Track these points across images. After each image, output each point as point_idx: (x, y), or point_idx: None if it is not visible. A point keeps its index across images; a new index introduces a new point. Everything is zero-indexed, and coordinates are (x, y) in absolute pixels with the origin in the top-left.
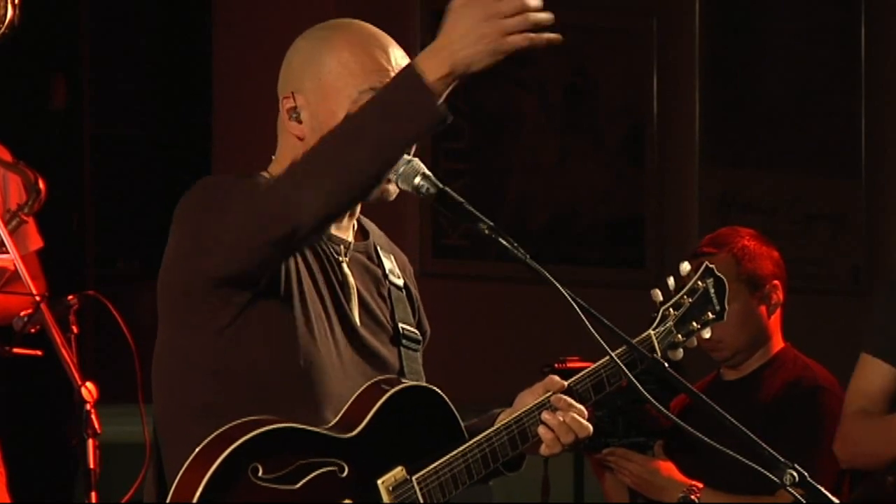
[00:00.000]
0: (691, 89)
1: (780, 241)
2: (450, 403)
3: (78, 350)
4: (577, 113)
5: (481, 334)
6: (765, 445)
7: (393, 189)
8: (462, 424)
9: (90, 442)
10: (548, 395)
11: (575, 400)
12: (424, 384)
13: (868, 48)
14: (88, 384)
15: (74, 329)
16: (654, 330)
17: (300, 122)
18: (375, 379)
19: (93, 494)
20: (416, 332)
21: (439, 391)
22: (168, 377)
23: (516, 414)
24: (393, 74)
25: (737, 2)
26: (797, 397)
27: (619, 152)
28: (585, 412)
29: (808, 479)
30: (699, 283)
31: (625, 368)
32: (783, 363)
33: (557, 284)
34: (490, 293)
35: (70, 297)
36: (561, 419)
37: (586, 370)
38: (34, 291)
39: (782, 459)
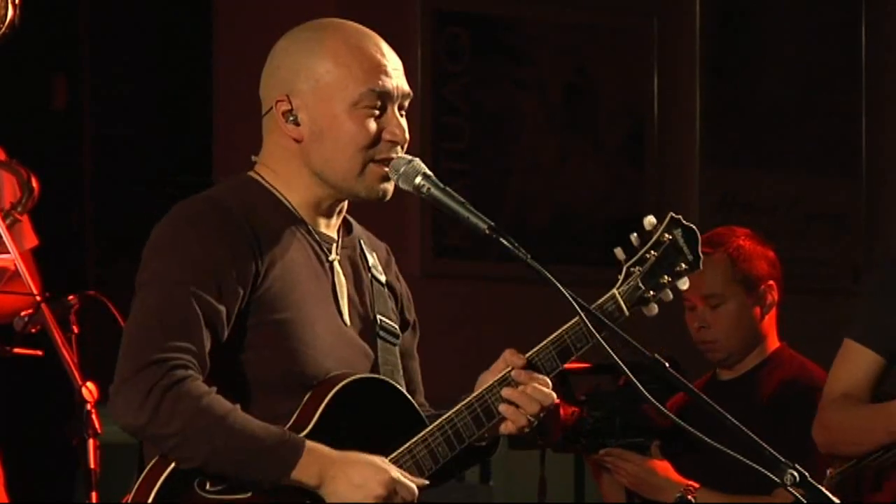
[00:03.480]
0: (691, 89)
1: (780, 241)
2: (404, 391)
3: (78, 350)
4: (577, 113)
5: (481, 334)
6: (765, 445)
7: (390, 187)
8: (421, 411)
9: (90, 442)
10: (508, 370)
11: (540, 371)
12: (373, 375)
13: (868, 48)
14: (89, 384)
15: (75, 329)
16: (618, 289)
17: (297, 124)
18: (329, 375)
19: (93, 494)
20: (395, 325)
21: (390, 380)
22: None
23: (477, 392)
24: (388, 69)
25: (737, 2)
26: (793, 397)
27: (619, 152)
28: (548, 381)
29: (809, 479)
30: (665, 235)
31: (622, 365)
32: (779, 363)
33: (558, 284)
34: (490, 293)
35: (70, 297)
36: (522, 391)
37: (548, 339)
38: (35, 291)
39: (783, 460)
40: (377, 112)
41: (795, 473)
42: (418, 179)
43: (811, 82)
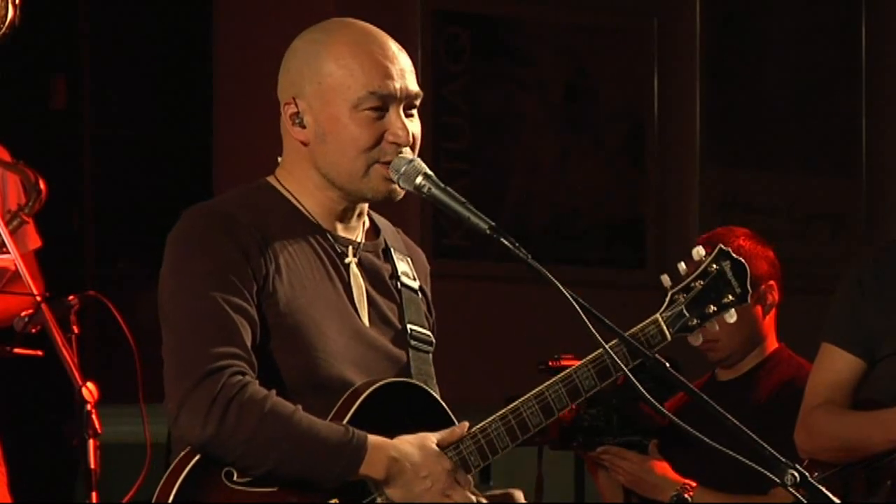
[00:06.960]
0: (691, 89)
1: (780, 241)
2: (437, 397)
3: (78, 350)
4: (577, 113)
5: (481, 334)
6: (766, 445)
7: (400, 189)
8: (452, 416)
9: (91, 442)
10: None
11: (578, 389)
12: (406, 380)
13: (868, 48)
14: (89, 384)
15: (75, 329)
16: (661, 314)
17: (304, 127)
18: (359, 383)
19: (93, 494)
20: (429, 334)
21: (425, 386)
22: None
23: (513, 405)
24: (391, 70)
25: (737, 2)
26: (791, 397)
27: (619, 152)
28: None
29: (810, 479)
30: (713, 266)
31: (620, 362)
32: (777, 363)
33: (558, 284)
34: (490, 293)
35: (70, 297)
36: None
37: (588, 358)
38: (35, 292)
39: (783, 460)
40: (379, 114)
41: (796, 474)
42: (419, 179)
43: (811, 82)
